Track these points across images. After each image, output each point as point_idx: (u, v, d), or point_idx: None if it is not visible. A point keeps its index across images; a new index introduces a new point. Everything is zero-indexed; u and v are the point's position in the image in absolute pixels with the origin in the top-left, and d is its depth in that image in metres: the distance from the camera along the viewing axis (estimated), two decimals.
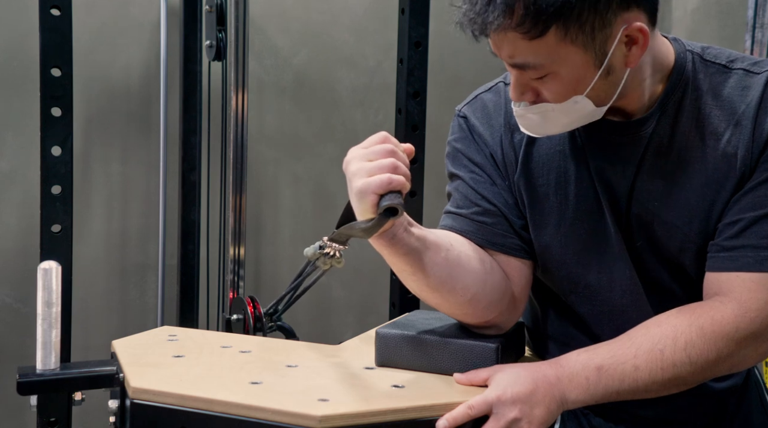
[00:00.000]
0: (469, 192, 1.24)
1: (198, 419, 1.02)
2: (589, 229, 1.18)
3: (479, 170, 1.24)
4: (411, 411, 1.04)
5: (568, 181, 1.19)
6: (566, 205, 1.19)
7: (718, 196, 1.11)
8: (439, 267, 1.12)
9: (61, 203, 1.85)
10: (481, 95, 1.28)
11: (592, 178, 1.17)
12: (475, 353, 1.15)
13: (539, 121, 1.11)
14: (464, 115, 1.27)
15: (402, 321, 1.26)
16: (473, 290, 1.16)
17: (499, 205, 1.22)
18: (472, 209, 1.23)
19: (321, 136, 2.63)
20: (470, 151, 1.25)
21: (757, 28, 2.29)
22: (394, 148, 1.04)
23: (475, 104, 1.28)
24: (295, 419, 0.99)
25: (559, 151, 1.19)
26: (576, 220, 1.18)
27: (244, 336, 1.64)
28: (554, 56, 1.03)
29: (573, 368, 1.09)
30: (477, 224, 1.22)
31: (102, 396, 1.21)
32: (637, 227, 1.16)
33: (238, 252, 2.11)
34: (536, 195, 1.21)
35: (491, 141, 1.24)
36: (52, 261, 1.16)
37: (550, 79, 1.06)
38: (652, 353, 1.07)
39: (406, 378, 1.14)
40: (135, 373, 1.09)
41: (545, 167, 1.20)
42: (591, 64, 1.05)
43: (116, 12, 2.41)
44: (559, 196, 1.19)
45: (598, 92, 1.07)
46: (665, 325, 1.09)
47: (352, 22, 2.65)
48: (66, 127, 1.85)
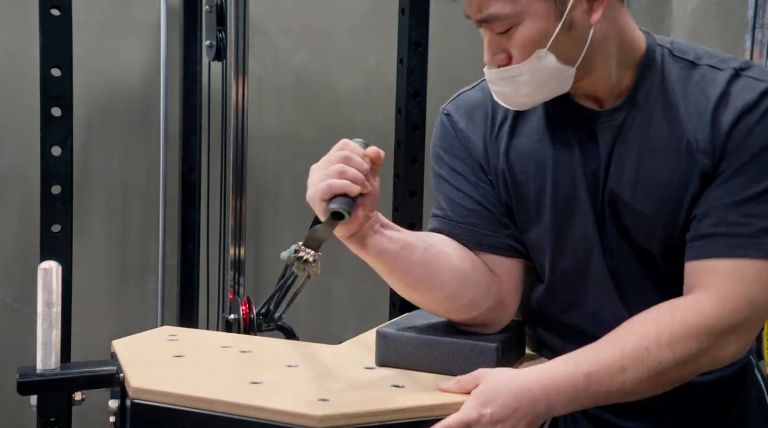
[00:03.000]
0: (453, 193, 1.25)
1: (198, 419, 1.02)
2: (566, 216, 1.20)
3: (463, 168, 1.26)
4: (411, 411, 1.04)
5: (545, 169, 1.20)
6: (543, 192, 1.20)
7: (686, 188, 1.13)
8: (415, 265, 1.15)
9: (61, 203, 1.85)
10: (465, 93, 1.31)
11: (570, 166, 1.19)
12: (475, 353, 1.15)
13: (511, 89, 1.14)
14: (448, 112, 1.30)
15: (402, 321, 1.26)
16: (452, 287, 1.17)
17: (484, 202, 1.24)
18: (456, 211, 1.24)
19: (321, 136, 2.63)
20: (453, 149, 1.27)
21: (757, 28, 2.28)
22: (347, 153, 1.09)
23: (458, 101, 1.30)
24: (295, 419, 0.99)
25: (537, 141, 1.21)
26: (553, 206, 1.20)
27: (244, 336, 1.65)
28: (518, 6, 1.08)
29: (560, 380, 1.07)
30: (462, 226, 1.24)
31: (102, 396, 1.21)
32: (610, 215, 1.18)
33: (238, 252, 2.11)
34: (516, 183, 1.23)
35: (474, 137, 1.25)
36: (52, 261, 1.16)
37: (515, 32, 1.10)
38: (637, 352, 1.07)
39: (406, 378, 1.14)
40: (135, 373, 1.09)
41: (524, 156, 1.22)
42: (552, 15, 1.09)
43: (116, 12, 2.41)
44: (537, 184, 1.21)
45: (562, 47, 1.10)
46: (648, 322, 1.09)
47: (352, 22, 2.65)
48: (66, 127, 1.85)
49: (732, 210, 1.10)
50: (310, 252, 1.12)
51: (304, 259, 1.12)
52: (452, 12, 2.70)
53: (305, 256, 1.12)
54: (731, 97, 1.12)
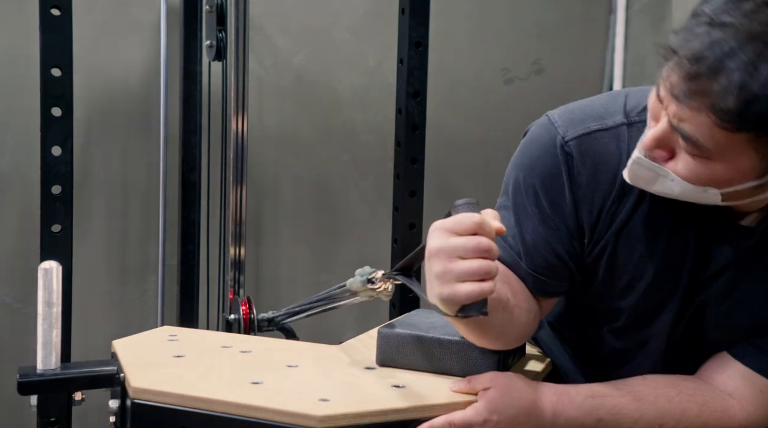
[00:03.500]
0: (540, 241, 1.11)
1: (198, 419, 1.02)
2: (653, 303, 1.14)
3: (560, 221, 1.10)
4: (411, 411, 1.04)
5: (652, 258, 1.10)
6: (640, 279, 1.12)
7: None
8: (495, 324, 1.06)
9: (61, 203, 1.85)
10: (597, 134, 1.08)
11: (681, 260, 1.10)
12: (476, 353, 1.15)
13: (650, 178, 0.99)
14: (570, 152, 1.08)
15: (403, 320, 1.26)
16: (513, 340, 1.15)
17: (567, 261, 1.13)
18: (537, 261, 1.12)
19: (321, 136, 2.63)
20: (560, 197, 1.09)
21: None
22: (489, 244, 0.90)
23: (586, 144, 1.08)
24: (295, 419, 0.99)
25: (655, 226, 1.09)
26: (642, 297, 1.13)
27: (244, 336, 1.65)
28: (727, 152, 0.91)
29: (574, 412, 1.08)
30: (536, 277, 1.14)
31: (102, 396, 1.21)
32: (692, 315, 1.14)
33: (238, 252, 2.11)
34: (613, 263, 1.12)
35: (591, 198, 1.08)
36: (53, 261, 1.16)
37: (701, 161, 0.94)
38: (651, 425, 1.08)
39: (407, 378, 1.14)
40: (135, 373, 1.09)
41: (635, 238, 1.10)
42: (753, 172, 0.94)
43: (116, 12, 2.41)
44: (637, 271, 1.12)
45: (735, 195, 0.98)
46: (675, 404, 1.09)
47: (352, 22, 2.64)
48: (66, 127, 1.84)
49: None
50: (391, 281, 1.09)
51: (380, 289, 1.10)
52: (452, 12, 2.70)
53: (383, 286, 1.10)
54: None
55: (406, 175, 2.12)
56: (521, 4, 2.78)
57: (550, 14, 2.81)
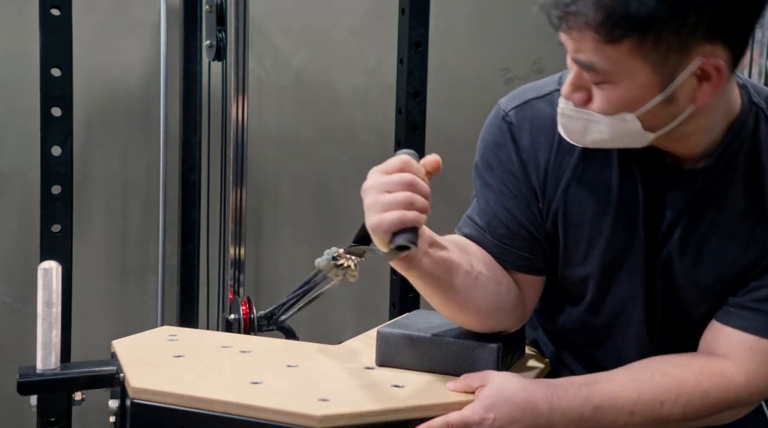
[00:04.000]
0: (500, 210, 1.17)
1: (198, 419, 1.02)
2: (616, 264, 1.15)
3: (515, 186, 1.16)
4: (411, 411, 1.04)
5: (606, 214, 1.13)
6: (598, 237, 1.14)
7: (752, 268, 1.09)
8: (454, 290, 1.10)
9: (61, 203, 1.85)
10: (533, 102, 1.17)
11: (634, 215, 1.12)
12: (476, 353, 1.15)
13: (581, 128, 1.04)
14: (511, 121, 1.16)
15: (403, 320, 1.26)
16: (485, 311, 1.15)
17: (529, 227, 1.17)
18: (501, 230, 1.17)
19: (321, 136, 2.63)
20: (509, 163, 1.16)
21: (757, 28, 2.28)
22: (412, 178, 0.97)
23: (524, 111, 1.16)
24: (295, 419, 0.99)
25: (604, 182, 1.13)
26: (605, 253, 1.14)
27: (244, 336, 1.65)
28: (620, 66, 0.96)
29: (570, 404, 1.07)
30: (503, 247, 1.18)
31: (102, 396, 1.21)
32: (661, 273, 1.14)
33: (238, 252, 2.11)
34: (570, 223, 1.15)
35: (535, 160, 1.14)
36: (52, 261, 1.16)
37: (607, 88, 0.99)
38: (651, 404, 1.07)
39: (406, 378, 1.14)
40: (135, 373, 1.09)
41: (585, 196, 1.14)
42: (654, 86, 0.98)
43: (116, 12, 2.41)
44: (594, 228, 1.14)
45: (652, 117, 1.00)
46: (671, 377, 1.09)
47: (352, 22, 2.65)
48: (66, 127, 1.84)
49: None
50: (353, 258, 1.10)
51: (346, 266, 1.10)
52: (452, 12, 2.70)
53: (346, 263, 1.10)
54: None
55: None
56: (521, 4, 2.78)
57: None
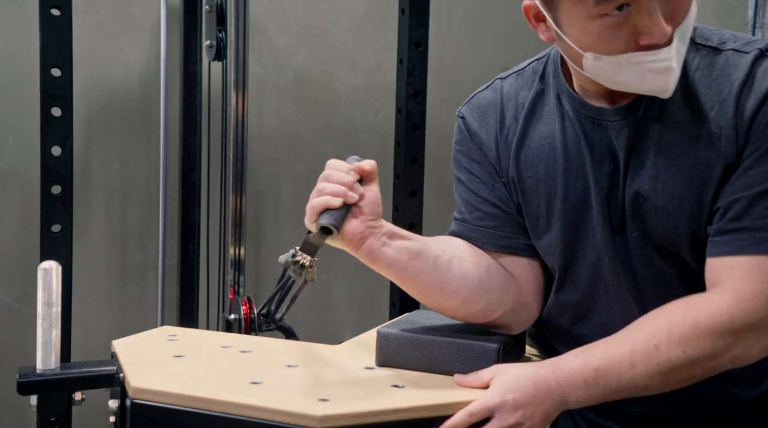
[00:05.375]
0: (470, 196, 1.25)
1: (198, 419, 1.02)
2: (577, 221, 1.18)
3: (478, 170, 1.25)
4: (411, 411, 1.04)
5: (556, 172, 1.18)
6: (554, 197, 1.18)
7: (708, 178, 1.08)
8: (425, 275, 1.16)
9: (61, 203, 1.85)
10: (478, 94, 1.29)
11: (583, 168, 1.16)
12: (476, 353, 1.15)
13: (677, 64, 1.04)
14: (462, 115, 1.29)
15: (403, 320, 1.26)
16: (465, 293, 1.17)
17: (500, 205, 1.23)
18: (474, 214, 1.25)
19: (321, 136, 2.63)
20: (469, 152, 1.26)
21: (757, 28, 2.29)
22: (327, 172, 1.15)
23: (471, 104, 1.29)
24: (295, 419, 0.99)
25: (549, 143, 1.19)
26: (564, 212, 1.18)
27: (244, 336, 1.64)
28: None
29: (571, 371, 1.08)
30: (479, 229, 1.24)
31: (102, 396, 1.21)
32: (632, 216, 1.14)
33: (238, 252, 2.11)
34: (526, 188, 1.21)
35: (487, 139, 1.24)
36: (52, 261, 1.16)
37: None
38: (647, 349, 1.06)
39: (406, 378, 1.14)
40: (135, 373, 1.09)
41: (534, 160, 1.20)
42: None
43: (116, 12, 2.41)
44: (548, 188, 1.19)
45: None
46: (659, 319, 1.08)
47: (352, 22, 2.65)
48: (66, 127, 1.84)
49: (756, 202, 1.05)
50: (307, 257, 1.13)
51: (301, 264, 1.12)
52: (452, 12, 2.70)
53: (302, 261, 1.13)
54: (756, 79, 1.06)
55: (406, 175, 2.12)
56: (521, 4, 2.78)
57: None
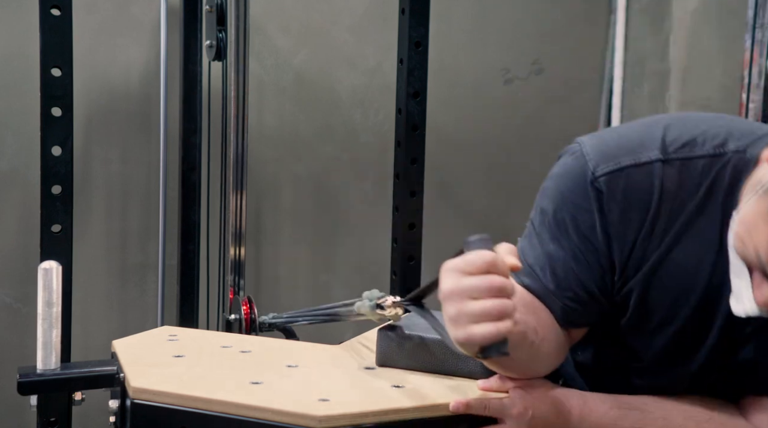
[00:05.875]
0: (570, 274, 1.08)
1: (198, 419, 1.02)
2: (681, 351, 1.09)
3: (591, 256, 1.06)
4: (411, 411, 1.04)
5: (686, 303, 1.05)
6: (670, 324, 1.08)
7: None
8: (520, 360, 1.04)
9: (61, 203, 1.85)
10: (629, 170, 1.03)
11: (715, 308, 1.05)
12: None
13: None
14: (601, 188, 1.03)
15: (403, 321, 1.26)
16: (540, 372, 1.12)
17: (597, 296, 1.09)
18: (568, 294, 1.09)
19: (321, 136, 2.63)
20: (590, 232, 1.05)
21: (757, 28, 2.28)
22: (502, 282, 0.88)
23: (617, 181, 1.03)
24: (295, 419, 0.99)
25: (692, 270, 1.04)
26: (672, 342, 1.09)
27: (244, 336, 1.65)
28: None
29: (599, 419, 1.06)
30: (566, 309, 1.10)
31: (102, 396, 1.21)
32: (734, 369, 1.10)
33: (238, 252, 2.11)
34: (646, 304, 1.07)
35: (622, 235, 1.04)
36: (52, 261, 1.16)
37: None
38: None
39: (406, 379, 1.14)
40: (135, 373, 1.09)
41: (670, 282, 1.05)
42: None
43: (116, 12, 2.41)
44: (669, 314, 1.07)
45: None
46: (704, 424, 1.07)
47: (352, 22, 2.64)
48: (66, 127, 1.84)
49: None
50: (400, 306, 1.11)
51: (393, 314, 1.11)
52: (452, 12, 2.70)
53: (392, 311, 1.11)
54: None
55: (406, 175, 2.12)
56: (521, 4, 2.78)
57: (550, 14, 2.81)
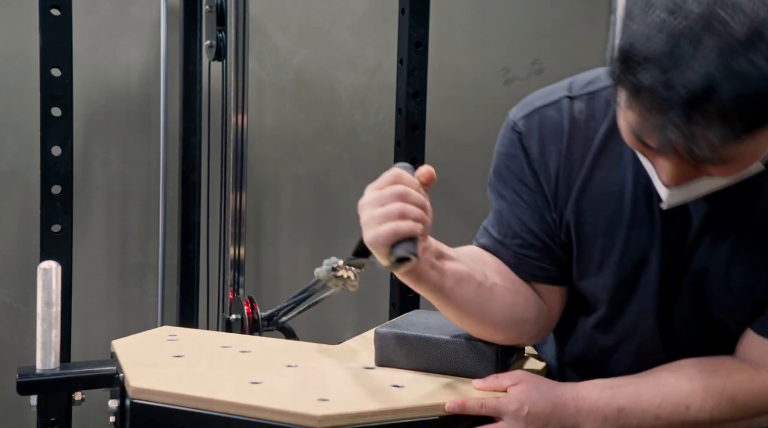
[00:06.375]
0: (514, 220, 1.16)
1: (198, 419, 1.02)
2: (630, 277, 1.12)
3: (528, 196, 1.15)
4: (411, 411, 1.04)
5: (619, 226, 1.10)
6: (611, 250, 1.11)
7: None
8: (467, 302, 1.09)
9: (61, 203, 1.85)
10: (542, 110, 1.14)
11: (649, 226, 1.08)
12: (475, 353, 1.15)
13: (688, 194, 0.98)
14: (519, 130, 1.15)
15: (402, 320, 1.26)
16: (504, 323, 1.14)
17: (544, 238, 1.15)
18: (516, 241, 1.16)
19: (321, 136, 2.63)
20: (522, 174, 1.14)
21: None
22: (404, 189, 0.96)
23: (532, 120, 1.14)
24: (295, 419, 0.99)
25: (617, 192, 1.09)
26: (618, 267, 1.11)
27: (244, 336, 1.65)
28: (754, 146, 0.88)
29: (594, 404, 1.07)
30: (519, 257, 1.16)
31: (102, 396, 1.21)
32: (690, 285, 1.10)
33: (238, 252, 2.11)
34: (582, 234, 1.13)
35: (546, 169, 1.12)
36: (52, 261, 1.16)
37: (734, 160, 0.90)
38: (676, 407, 1.06)
39: (406, 378, 1.14)
40: (135, 373, 1.09)
41: (598, 207, 1.11)
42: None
43: (116, 12, 2.41)
44: (607, 240, 1.11)
45: None
46: (697, 383, 1.07)
47: (352, 22, 2.65)
48: (66, 127, 1.84)
49: None
50: (352, 270, 1.10)
51: (345, 277, 1.10)
52: (452, 12, 2.70)
53: (345, 274, 1.11)
54: None
55: None
56: (521, 4, 2.78)
57: (550, 14, 2.81)
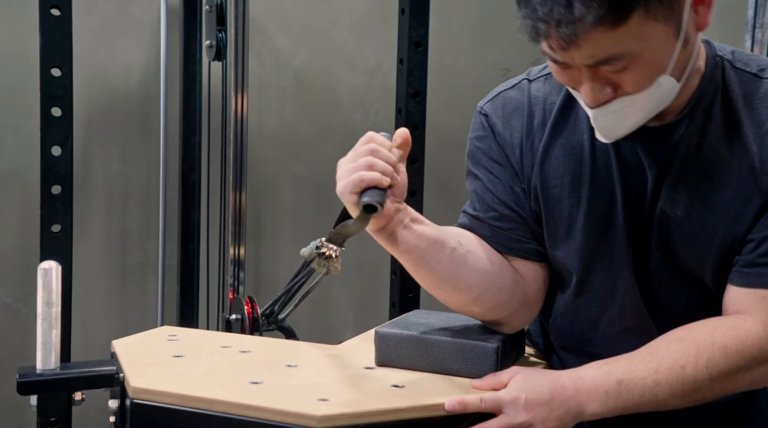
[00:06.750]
0: (487, 195, 1.23)
1: (198, 419, 1.02)
2: (598, 234, 1.16)
3: (498, 171, 1.22)
4: (411, 411, 1.04)
5: (582, 185, 1.16)
6: (578, 209, 1.16)
7: (744, 210, 1.09)
8: (442, 265, 1.13)
9: (61, 203, 1.85)
10: (504, 92, 1.25)
11: (610, 182, 1.14)
12: (475, 353, 1.15)
13: (615, 121, 1.04)
14: (485, 112, 1.25)
15: (402, 320, 1.26)
16: (478, 290, 1.16)
17: (516, 208, 1.21)
18: (489, 214, 1.22)
19: (321, 136, 2.63)
20: (490, 151, 1.23)
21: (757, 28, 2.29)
22: (374, 146, 1.05)
23: (496, 102, 1.25)
24: (295, 419, 0.99)
25: (577, 154, 1.16)
26: (586, 225, 1.16)
27: (244, 336, 1.65)
28: (639, 39, 0.96)
29: (592, 381, 1.08)
30: (493, 229, 1.21)
31: (102, 396, 1.21)
32: (658, 236, 1.13)
33: (238, 252, 2.11)
34: (549, 197, 1.19)
35: (511, 142, 1.21)
36: (52, 261, 1.16)
37: (633, 67, 0.98)
38: (673, 369, 1.07)
39: (406, 378, 1.14)
40: (135, 373, 1.09)
41: (560, 169, 1.17)
42: (672, 36, 0.99)
43: (116, 12, 2.41)
44: (572, 199, 1.17)
45: (679, 65, 1.02)
46: (687, 341, 1.08)
47: (352, 22, 2.65)
48: (66, 127, 1.84)
49: None
50: (333, 247, 1.11)
51: (327, 255, 1.11)
52: (452, 12, 2.70)
53: (328, 252, 1.11)
54: None
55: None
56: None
57: None
